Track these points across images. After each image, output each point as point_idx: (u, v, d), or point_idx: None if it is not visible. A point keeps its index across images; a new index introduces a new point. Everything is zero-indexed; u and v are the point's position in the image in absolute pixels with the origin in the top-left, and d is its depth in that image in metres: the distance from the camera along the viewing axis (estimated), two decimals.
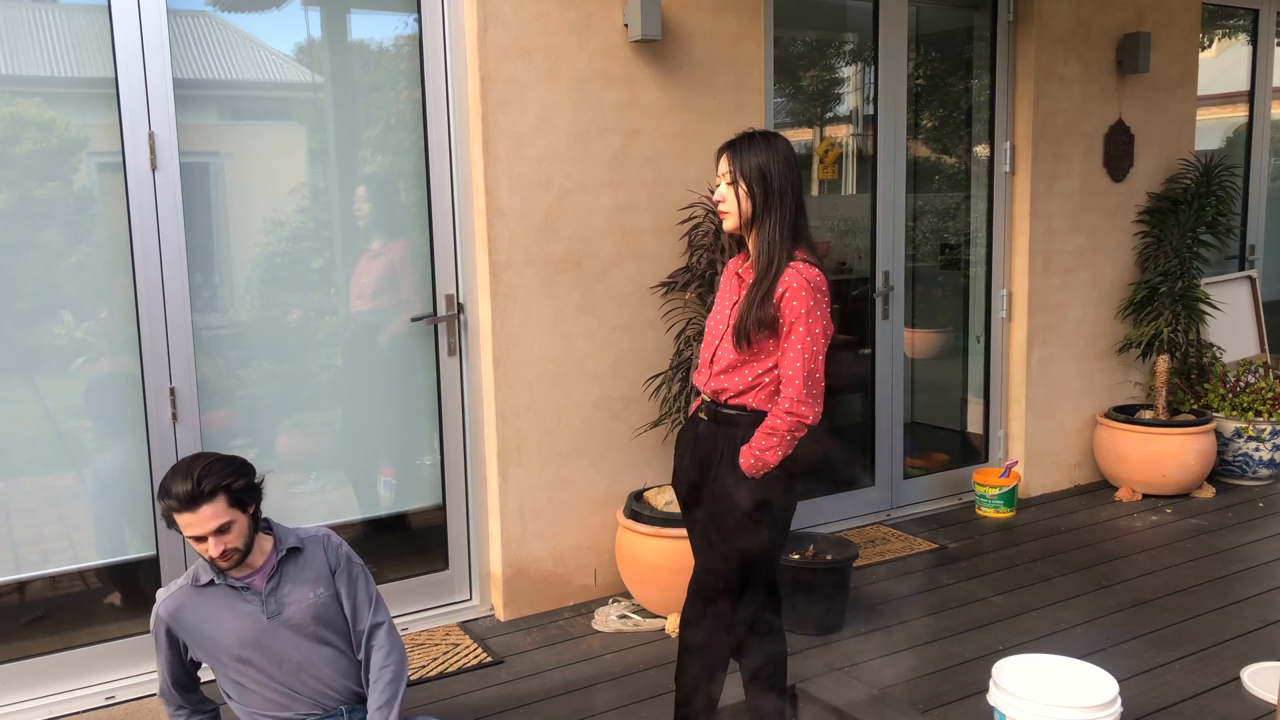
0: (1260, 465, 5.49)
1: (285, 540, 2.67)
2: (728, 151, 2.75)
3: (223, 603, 2.61)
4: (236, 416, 3.66)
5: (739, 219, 2.73)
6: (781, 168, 2.69)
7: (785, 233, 2.67)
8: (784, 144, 2.73)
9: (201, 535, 2.48)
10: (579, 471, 4.12)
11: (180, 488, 2.46)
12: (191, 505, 2.45)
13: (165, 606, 2.62)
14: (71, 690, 3.43)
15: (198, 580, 2.62)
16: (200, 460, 2.51)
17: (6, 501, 3.36)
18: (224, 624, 2.60)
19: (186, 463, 2.51)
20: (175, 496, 2.46)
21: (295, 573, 2.65)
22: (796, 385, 2.62)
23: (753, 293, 2.67)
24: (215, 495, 2.46)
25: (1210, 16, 6.34)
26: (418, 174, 3.87)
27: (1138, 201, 5.66)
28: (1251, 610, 3.95)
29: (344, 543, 2.78)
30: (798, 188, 2.72)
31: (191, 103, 3.48)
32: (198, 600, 2.61)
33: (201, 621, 2.60)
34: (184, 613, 2.61)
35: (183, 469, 2.49)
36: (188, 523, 2.47)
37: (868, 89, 5.07)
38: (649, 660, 3.65)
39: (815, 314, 2.63)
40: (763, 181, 2.68)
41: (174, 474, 2.49)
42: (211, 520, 2.47)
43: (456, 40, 3.83)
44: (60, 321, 3.38)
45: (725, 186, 2.74)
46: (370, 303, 3.87)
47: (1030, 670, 2.99)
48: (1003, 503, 5.15)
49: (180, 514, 2.47)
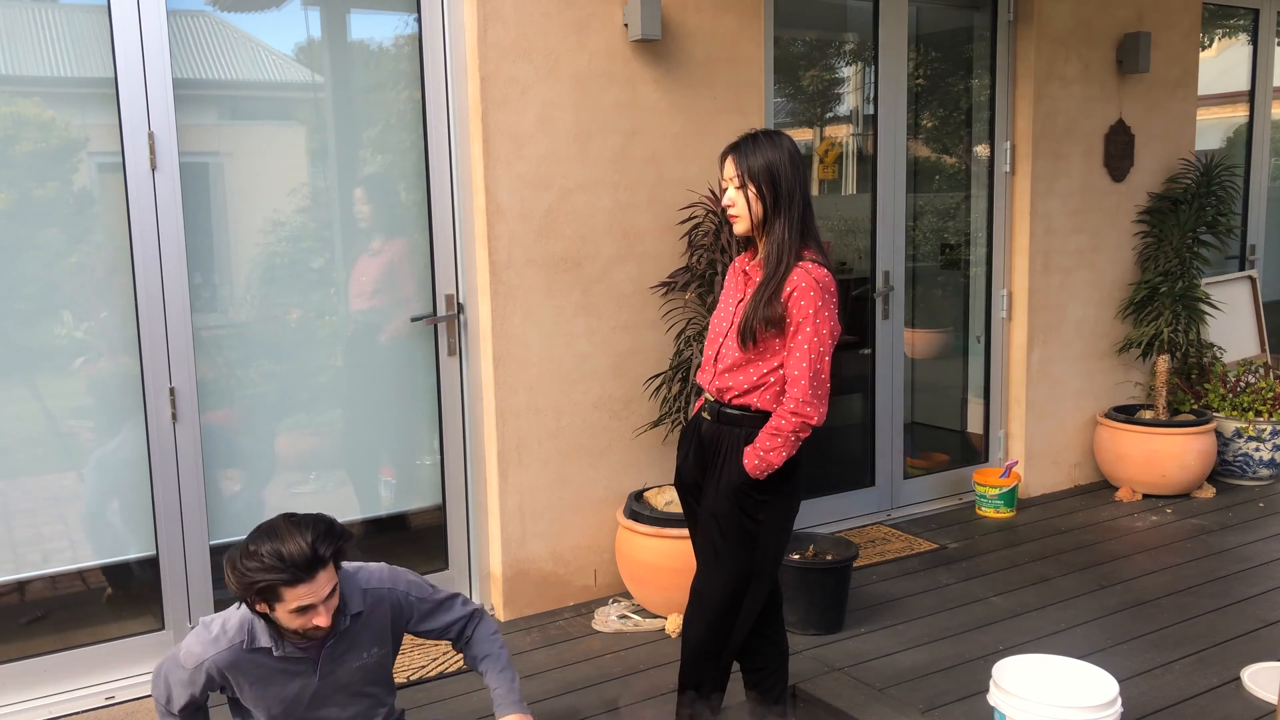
0: (1260, 465, 5.49)
1: (351, 603, 2.46)
2: (732, 154, 2.71)
3: (277, 667, 2.42)
4: (236, 416, 3.66)
5: (750, 222, 2.71)
6: (789, 166, 2.66)
7: (795, 232, 2.65)
8: (788, 141, 2.71)
9: (313, 604, 2.26)
10: (579, 471, 4.12)
11: (297, 553, 2.20)
12: (310, 573, 2.23)
13: (215, 662, 2.38)
14: (71, 690, 3.43)
15: (254, 643, 2.38)
16: (303, 522, 2.29)
17: (6, 501, 3.36)
18: (274, 686, 2.44)
19: (285, 527, 2.28)
20: (294, 564, 2.20)
21: (354, 634, 2.48)
22: (802, 385, 2.61)
23: (760, 291, 2.65)
24: (330, 560, 2.26)
25: (1210, 16, 6.34)
26: (418, 174, 3.88)
27: (1138, 201, 5.66)
28: (1251, 610, 3.95)
29: (409, 582, 2.60)
30: (805, 185, 2.70)
31: (191, 103, 3.48)
32: (250, 663, 2.40)
33: (251, 682, 2.42)
34: (235, 672, 2.41)
35: (283, 532, 2.25)
36: (302, 594, 2.23)
37: (868, 89, 5.07)
38: (649, 660, 3.65)
39: (823, 314, 2.62)
40: (772, 182, 2.65)
41: (272, 538, 2.24)
42: (326, 586, 2.26)
43: (456, 40, 3.83)
44: (60, 321, 3.38)
45: (734, 190, 2.71)
46: (370, 302, 3.87)
47: (1030, 670, 2.99)
48: (1003, 503, 5.15)
49: (294, 586, 2.22)
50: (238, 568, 2.26)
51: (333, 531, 2.31)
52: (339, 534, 2.32)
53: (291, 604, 2.26)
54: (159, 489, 3.50)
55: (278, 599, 2.26)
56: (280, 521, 2.31)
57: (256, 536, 2.28)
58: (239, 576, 2.26)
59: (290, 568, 2.22)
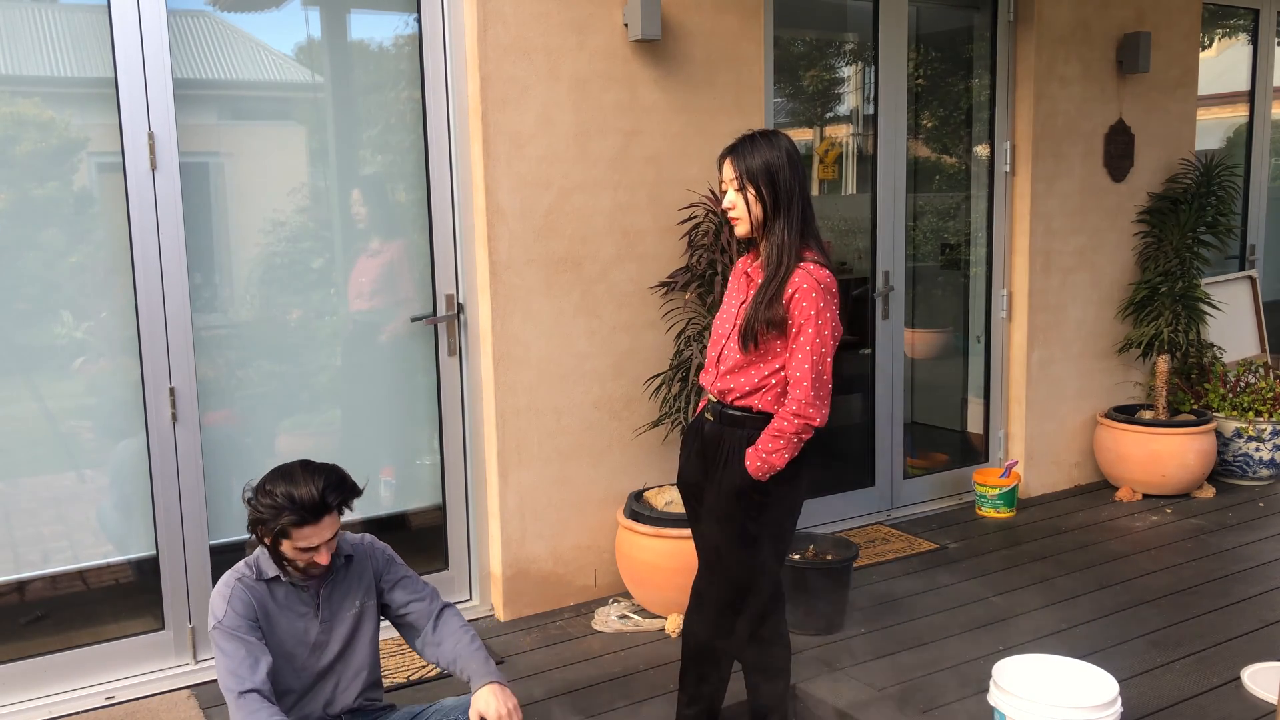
0: (1260, 465, 5.49)
1: (342, 547, 2.64)
2: (731, 156, 2.70)
3: (284, 601, 2.58)
4: (236, 416, 3.66)
5: (751, 223, 2.70)
6: (787, 166, 2.65)
7: (795, 233, 2.65)
8: (786, 141, 2.70)
9: (315, 545, 2.46)
10: (579, 471, 4.12)
11: (307, 498, 2.40)
12: (316, 517, 2.42)
13: (246, 597, 2.51)
14: (71, 690, 3.43)
15: (261, 574, 2.55)
16: (315, 471, 2.47)
17: (6, 501, 3.36)
18: (283, 621, 2.58)
19: (300, 472, 2.46)
20: (303, 507, 2.40)
21: (345, 581, 2.64)
22: (804, 387, 2.61)
23: (762, 293, 2.65)
24: (336, 509, 2.46)
25: (1210, 16, 6.34)
26: (418, 174, 3.88)
27: (1138, 201, 5.66)
28: (1251, 610, 3.95)
29: (387, 547, 2.76)
30: (804, 185, 2.69)
31: (191, 103, 3.48)
32: (264, 594, 2.56)
33: (269, 615, 2.56)
34: (263, 603, 2.55)
35: (299, 478, 2.44)
36: (308, 534, 2.43)
37: (868, 89, 5.07)
38: (649, 660, 3.65)
39: (825, 315, 2.61)
40: (771, 183, 2.65)
41: (287, 481, 2.44)
42: (329, 530, 2.46)
43: (456, 40, 3.83)
44: (60, 321, 3.38)
45: (733, 193, 2.70)
46: (370, 303, 3.87)
47: (1030, 670, 2.99)
48: (1003, 503, 5.15)
49: (301, 527, 2.41)
50: (253, 502, 2.48)
51: (344, 484, 2.51)
52: (349, 488, 2.52)
53: (298, 542, 2.45)
54: (159, 489, 3.50)
55: (285, 535, 2.45)
56: (297, 466, 2.49)
57: (274, 477, 2.48)
58: (252, 510, 2.47)
59: (299, 509, 2.41)
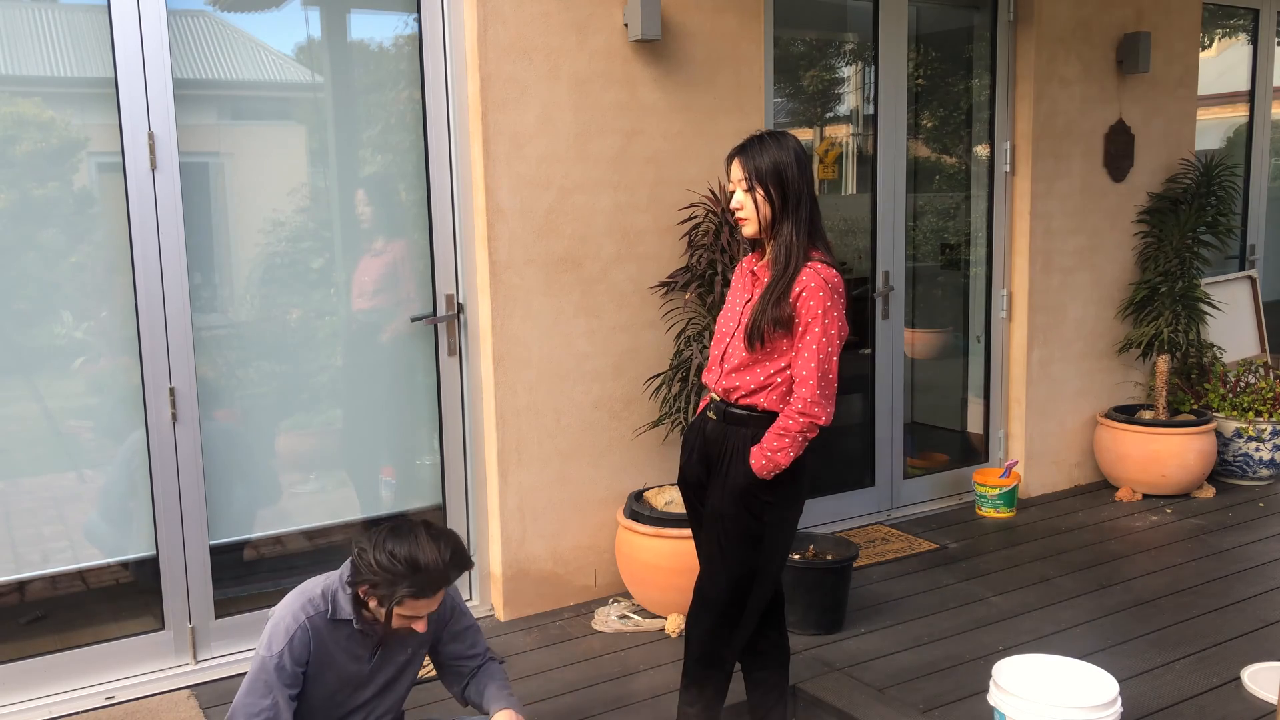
0: (1260, 465, 5.49)
1: None
2: (739, 156, 2.71)
3: (344, 643, 2.51)
4: (236, 416, 3.66)
5: (759, 224, 2.70)
6: (795, 167, 2.67)
7: (803, 233, 2.66)
8: (794, 142, 2.71)
9: (421, 615, 2.39)
10: (579, 471, 4.12)
11: (434, 570, 2.31)
12: (435, 591, 2.36)
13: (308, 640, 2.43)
14: (71, 690, 3.43)
15: (335, 614, 2.47)
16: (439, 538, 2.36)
17: (6, 501, 3.36)
18: (336, 663, 2.53)
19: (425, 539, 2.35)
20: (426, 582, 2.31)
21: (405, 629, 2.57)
22: (810, 386, 2.61)
23: (769, 292, 2.65)
24: (445, 586, 2.40)
25: (1210, 16, 6.34)
26: (418, 174, 3.87)
27: (1138, 201, 5.66)
28: (1251, 610, 3.95)
29: (457, 593, 2.71)
30: (811, 186, 2.70)
31: (191, 103, 3.48)
32: (327, 633, 2.49)
33: (326, 654, 2.51)
34: (323, 643, 2.49)
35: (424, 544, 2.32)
36: (420, 608, 2.36)
37: (868, 89, 5.07)
38: (649, 660, 3.65)
39: (831, 314, 2.62)
40: (779, 184, 2.66)
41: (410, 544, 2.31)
42: (439, 601, 2.42)
43: (456, 40, 3.83)
44: (60, 321, 3.38)
45: (741, 193, 2.71)
46: (370, 302, 3.87)
47: (1030, 670, 2.99)
48: (1003, 503, 5.15)
49: (417, 599, 2.33)
50: (367, 558, 2.32)
51: (464, 556, 2.40)
52: (467, 561, 2.41)
53: (406, 611, 2.35)
54: (159, 489, 3.50)
55: (396, 603, 2.33)
56: (421, 529, 2.37)
57: (394, 536, 2.34)
58: (367, 569, 2.33)
59: (422, 583, 2.31)
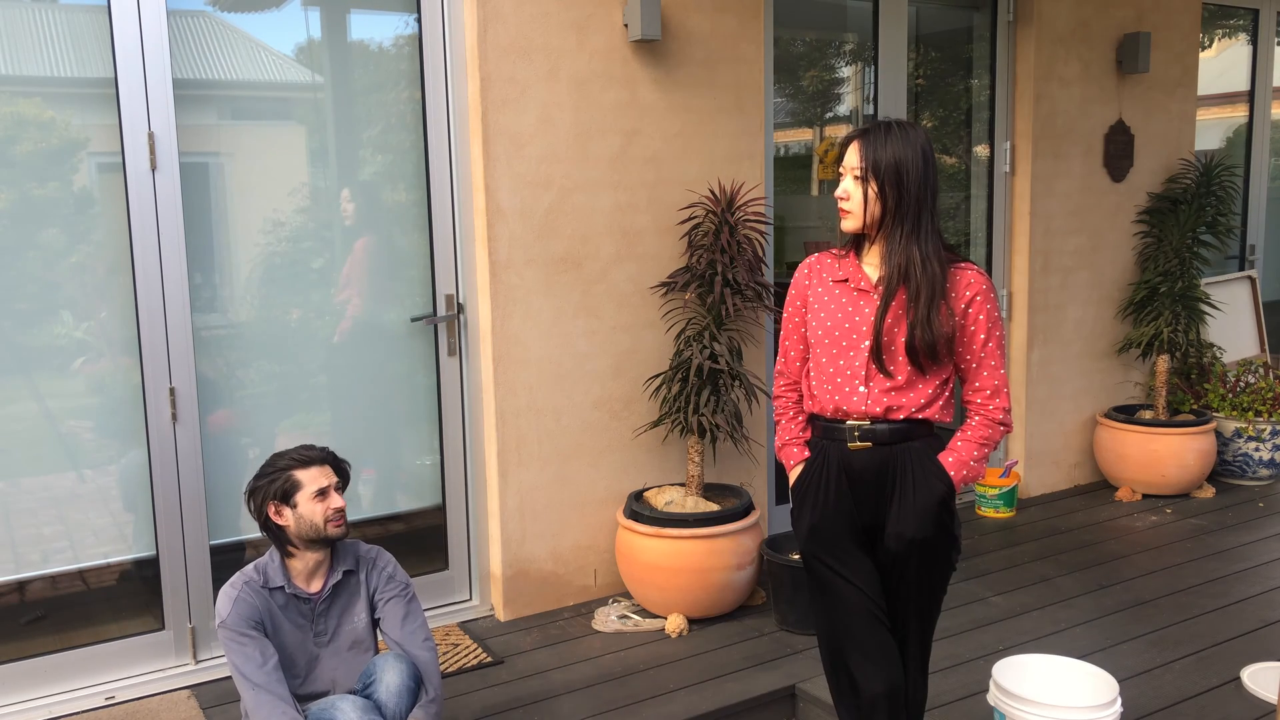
0: (1260, 465, 5.49)
1: (343, 561, 2.75)
2: (859, 141, 2.41)
3: (283, 610, 2.68)
4: (236, 416, 3.66)
5: (863, 221, 2.43)
6: (920, 165, 2.38)
7: (935, 238, 2.41)
8: (922, 137, 2.40)
9: (325, 488, 2.66)
10: (579, 471, 4.12)
11: (308, 452, 2.70)
12: (320, 463, 2.69)
13: (252, 600, 2.62)
14: (71, 690, 3.43)
15: (268, 582, 2.67)
16: (312, 445, 2.78)
17: (6, 501, 3.36)
18: (282, 632, 2.65)
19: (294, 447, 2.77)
20: (305, 457, 2.68)
21: (346, 597, 2.74)
22: (1004, 394, 2.47)
23: (923, 307, 2.37)
24: (326, 461, 2.72)
25: (1210, 16, 6.34)
26: (417, 174, 3.88)
27: (1138, 201, 5.66)
28: (1251, 610, 3.95)
29: (391, 563, 2.82)
30: (935, 187, 2.42)
31: (191, 103, 3.48)
32: (268, 600, 2.67)
33: (271, 618, 2.65)
34: (268, 608, 2.66)
35: (296, 447, 2.75)
36: (315, 475, 2.66)
37: (868, 89, 5.07)
38: (649, 660, 3.65)
39: (998, 316, 2.48)
40: (897, 182, 2.37)
41: (286, 452, 2.72)
42: (334, 477, 2.70)
43: (456, 40, 3.83)
44: (60, 321, 3.38)
45: (851, 182, 2.42)
46: (371, 302, 3.87)
47: (1030, 670, 2.99)
48: (1003, 503, 5.15)
49: (307, 467, 2.66)
50: (259, 479, 2.67)
51: (336, 454, 2.78)
52: (341, 459, 2.79)
53: (310, 487, 2.64)
54: (159, 489, 3.50)
55: (296, 487, 2.63)
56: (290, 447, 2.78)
57: (271, 457, 2.72)
58: (259, 484, 2.66)
59: (289, 456, 2.68)
